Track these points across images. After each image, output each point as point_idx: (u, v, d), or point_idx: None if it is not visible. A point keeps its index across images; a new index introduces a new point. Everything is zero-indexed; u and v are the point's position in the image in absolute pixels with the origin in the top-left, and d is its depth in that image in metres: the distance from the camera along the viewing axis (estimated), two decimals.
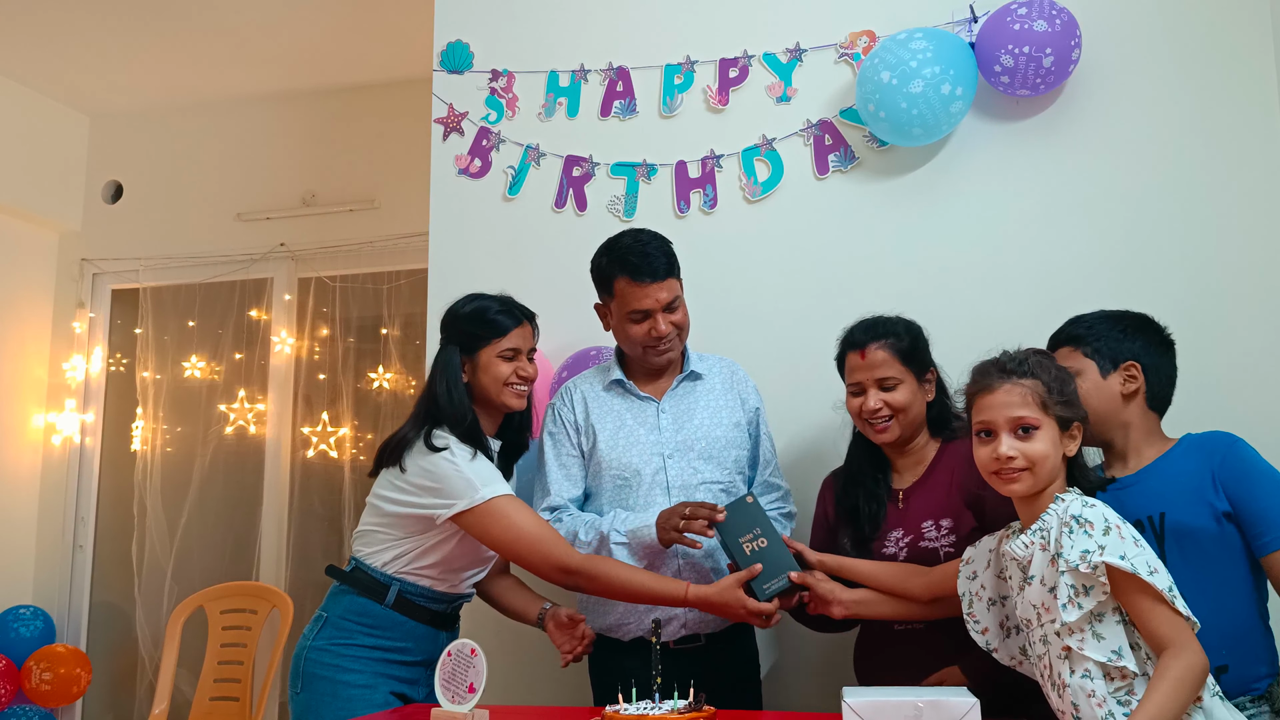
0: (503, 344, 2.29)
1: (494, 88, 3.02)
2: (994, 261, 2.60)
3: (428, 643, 2.26)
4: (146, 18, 4.02)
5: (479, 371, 2.30)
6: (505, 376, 2.29)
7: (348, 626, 2.22)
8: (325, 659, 2.20)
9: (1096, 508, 1.67)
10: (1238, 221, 2.47)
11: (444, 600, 2.29)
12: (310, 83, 4.54)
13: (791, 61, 2.80)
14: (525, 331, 2.35)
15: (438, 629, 2.28)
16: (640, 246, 2.27)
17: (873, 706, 1.62)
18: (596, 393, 2.39)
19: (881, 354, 2.13)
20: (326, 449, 4.49)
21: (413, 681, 2.26)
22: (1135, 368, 1.97)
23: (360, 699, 2.16)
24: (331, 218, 4.52)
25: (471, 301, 2.36)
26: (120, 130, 4.84)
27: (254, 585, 4.03)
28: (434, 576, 2.24)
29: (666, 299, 2.26)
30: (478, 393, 2.31)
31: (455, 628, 2.36)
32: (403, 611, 2.23)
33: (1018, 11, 2.49)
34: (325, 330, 4.59)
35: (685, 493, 2.26)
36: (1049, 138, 2.60)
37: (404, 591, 2.23)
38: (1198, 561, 1.82)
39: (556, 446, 2.38)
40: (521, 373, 2.32)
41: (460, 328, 2.33)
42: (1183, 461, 1.91)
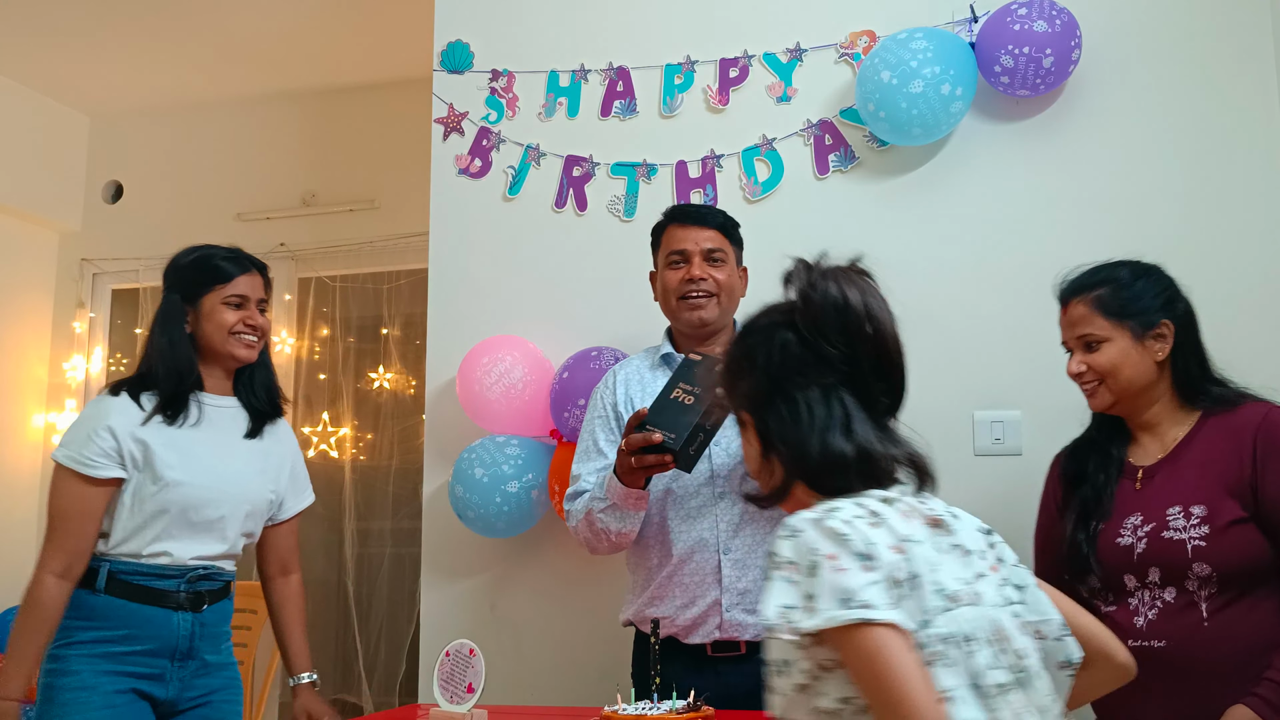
0: (228, 290, 2.19)
1: (494, 88, 3.02)
2: (994, 261, 2.60)
3: (160, 628, 2.07)
4: (147, 18, 4.01)
5: (202, 319, 2.18)
6: (231, 324, 2.18)
7: (66, 625, 2.05)
8: (48, 665, 2.06)
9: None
10: (1238, 221, 2.47)
11: (171, 575, 2.10)
12: (310, 83, 4.54)
13: (792, 61, 2.80)
14: (255, 281, 2.25)
15: (171, 610, 2.09)
16: (698, 204, 2.25)
17: None
18: (640, 373, 2.27)
19: (1080, 309, 1.85)
20: (327, 449, 4.48)
21: (152, 676, 2.07)
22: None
23: (75, 703, 2.01)
24: (331, 218, 4.51)
25: (196, 250, 2.24)
26: (120, 130, 4.84)
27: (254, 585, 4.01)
28: (134, 550, 2.08)
29: (709, 247, 2.19)
30: (203, 344, 2.19)
31: (206, 608, 2.15)
32: (119, 594, 2.06)
33: (1018, 12, 2.49)
34: (325, 330, 4.59)
35: (731, 481, 2.12)
36: (1049, 138, 2.60)
37: (116, 571, 2.07)
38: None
39: (592, 433, 2.24)
40: (250, 321, 2.21)
41: (183, 275, 2.21)
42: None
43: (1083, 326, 1.85)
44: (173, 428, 2.13)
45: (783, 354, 1.23)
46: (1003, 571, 1.20)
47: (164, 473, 2.09)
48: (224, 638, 2.25)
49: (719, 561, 2.10)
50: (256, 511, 2.26)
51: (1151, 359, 1.81)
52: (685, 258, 2.20)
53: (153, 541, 2.09)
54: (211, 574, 2.17)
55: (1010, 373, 2.56)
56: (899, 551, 1.10)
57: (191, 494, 2.12)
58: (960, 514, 1.23)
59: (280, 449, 2.33)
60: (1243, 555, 1.69)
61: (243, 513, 2.21)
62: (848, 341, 1.21)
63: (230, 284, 2.19)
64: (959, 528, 1.20)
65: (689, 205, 2.30)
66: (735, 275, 2.25)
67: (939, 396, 2.58)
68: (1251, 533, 1.71)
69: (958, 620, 1.10)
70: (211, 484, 2.15)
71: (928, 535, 1.15)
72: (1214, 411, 1.80)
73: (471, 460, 2.67)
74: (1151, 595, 1.75)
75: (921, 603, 1.09)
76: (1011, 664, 1.12)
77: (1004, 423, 2.54)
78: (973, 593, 1.13)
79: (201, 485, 2.13)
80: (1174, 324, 1.81)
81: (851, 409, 1.20)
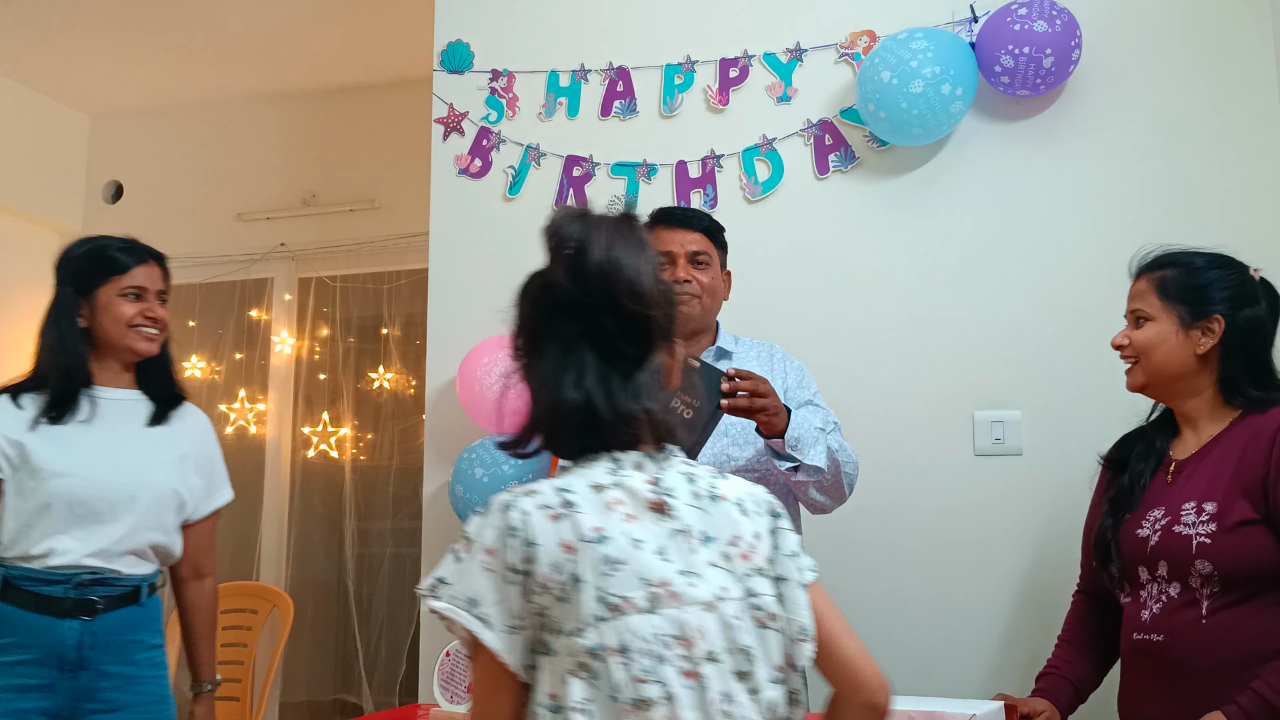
0: (124, 282, 2.09)
1: (494, 88, 3.02)
2: (994, 261, 2.60)
3: (45, 635, 1.96)
4: (147, 18, 4.01)
5: (98, 313, 2.09)
6: (130, 317, 2.09)
7: None
8: None
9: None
10: (1238, 221, 2.47)
11: (58, 580, 1.99)
12: (310, 83, 4.54)
13: (792, 61, 2.80)
14: (153, 271, 2.14)
15: (57, 617, 1.98)
16: (684, 207, 2.26)
17: None
18: None
19: (1142, 284, 1.83)
20: (327, 449, 4.48)
21: (39, 686, 1.96)
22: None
23: None
24: (332, 218, 4.51)
25: (89, 241, 2.15)
26: (120, 130, 4.84)
27: (254, 585, 4.02)
28: (23, 551, 1.99)
29: (694, 249, 2.19)
30: (99, 338, 2.10)
31: (99, 615, 2.03)
32: (14, 601, 1.97)
33: (1018, 12, 2.49)
34: (326, 330, 4.59)
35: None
36: (1049, 138, 2.60)
37: (11, 578, 1.98)
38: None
39: None
40: (149, 313, 2.11)
41: (76, 267, 2.12)
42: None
43: (1137, 301, 1.83)
44: (58, 426, 2.05)
45: (532, 304, 1.17)
46: (756, 560, 1.12)
47: (43, 466, 2.00)
48: (133, 648, 2.08)
49: None
50: (159, 503, 2.11)
51: (1192, 349, 1.77)
52: (671, 259, 2.20)
53: (39, 540, 1.99)
54: (105, 578, 2.03)
55: (1010, 373, 2.56)
56: (570, 551, 1.05)
57: (74, 485, 2.01)
58: (718, 489, 1.14)
59: (190, 440, 2.21)
60: (1247, 556, 1.67)
61: (139, 504, 2.07)
62: (582, 286, 1.12)
63: (127, 275, 2.10)
64: (684, 513, 1.11)
65: (675, 208, 2.30)
66: (719, 278, 2.25)
67: (939, 396, 2.59)
68: (1260, 535, 1.68)
69: (618, 631, 1.04)
70: (97, 474, 2.04)
71: (635, 524, 1.08)
72: (1251, 412, 1.76)
73: (472, 460, 2.67)
74: (1159, 589, 1.75)
75: (576, 611, 1.04)
76: (695, 667, 1.05)
77: (1004, 423, 2.54)
78: (670, 593, 1.06)
79: (85, 476, 2.02)
80: (1226, 321, 1.76)
81: (588, 361, 1.12)
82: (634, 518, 1.09)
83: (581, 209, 1.18)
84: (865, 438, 2.44)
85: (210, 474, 2.24)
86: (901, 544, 2.57)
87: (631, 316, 1.12)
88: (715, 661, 1.06)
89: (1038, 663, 2.16)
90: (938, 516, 2.56)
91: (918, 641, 2.54)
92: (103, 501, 2.03)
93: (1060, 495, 2.46)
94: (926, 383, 2.60)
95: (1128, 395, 1.94)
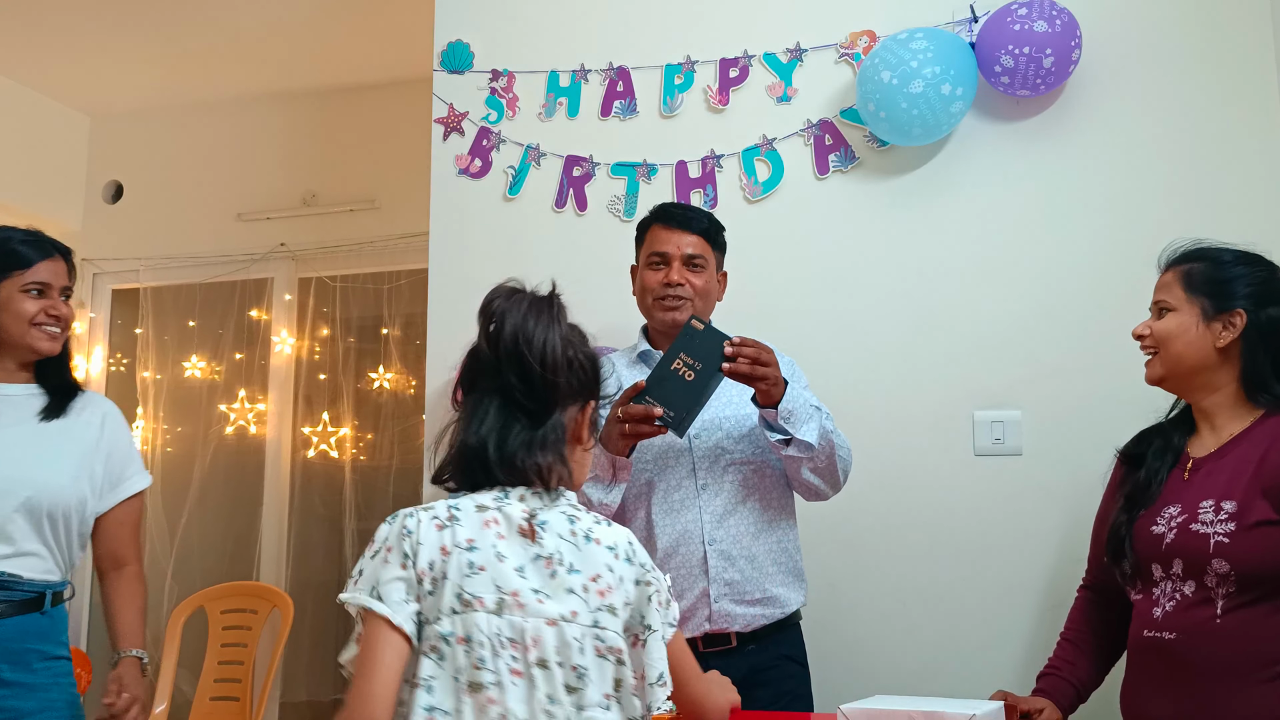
0: (27, 277, 2.02)
1: (494, 88, 3.02)
2: (994, 261, 2.60)
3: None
4: (147, 18, 4.01)
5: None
6: (32, 314, 2.01)
7: None
8: None
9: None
10: (1238, 221, 2.47)
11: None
12: (310, 83, 4.54)
13: (792, 61, 2.80)
14: (58, 267, 2.07)
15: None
16: (685, 206, 2.25)
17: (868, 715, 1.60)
18: (619, 371, 2.25)
19: (1169, 276, 1.82)
20: (327, 449, 4.48)
21: None
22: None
23: None
24: (332, 218, 4.51)
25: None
26: (120, 130, 4.84)
27: (254, 585, 4.02)
28: None
29: (690, 253, 2.19)
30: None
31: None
32: None
33: (1018, 12, 2.49)
34: (326, 330, 4.59)
35: (713, 473, 2.14)
36: (1049, 138, 2.60)
37: None
38: None
39: None
40: (53, 311, 2.04)
41: None
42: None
43: (1161, 293, 1.82)
44: None
45: (466, 367, 1.41)
46: (611, 599, 1.29)
47: None
48: (32, 656, 2.00)
49: (704, 553, 2.09)
50: (51, 500, 2.01)
51: (1212, 342, 1.75)
52: (665, 260, 2.20)
53: None
54: (4, 581, 1.96)
55: (1010, 373, 2.56)
56: (445, 554, 1.27)
57: None
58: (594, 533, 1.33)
59: (91, 430, 2.11)
60: (1266, 557, 1.66)
61: (21, 501, 1.97)
62: (496, 353, 1.36)
63: (30, 270, 2.02)
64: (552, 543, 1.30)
65: (675, 207, 2.28)
66: (713, 280, 2.25)
67: (939, 396, 2.59)
68: (1279, 536, 1.66)
69: (466, 623, 1.24)
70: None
71: (504, 543, 1.28)
72: (1276, 412, 1.74)
73: None
74: (1173, 587, 1.73)
75: (439, 602, 1.25)
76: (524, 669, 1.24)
77: (1004, 423, 2.54)
78: (518, 602, 1.26)
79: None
80: (1249, 316, 1.74)
81: (491, 414, 1.35)
82: (504, 537, 1.29)
83: (511, 289, 1.41)
84: (865, 438, 2.45)
85: (117, 463, 2.14)
86: (901, 544, 2.57)
87: (538, 380, 1.34)
88: (545, 668, 1.25)
89: (1038, 662, 2.16)
90: (938, 516, 2.56)
91: (918, 641, 2.54)
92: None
93: (1060, 495, 2.46)
94: (926, 383, 2.60)
95: (1129, 395, 1.94)
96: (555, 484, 1.35)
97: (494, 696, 1.22)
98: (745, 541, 2.11)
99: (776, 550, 2.15)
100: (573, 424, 1.39)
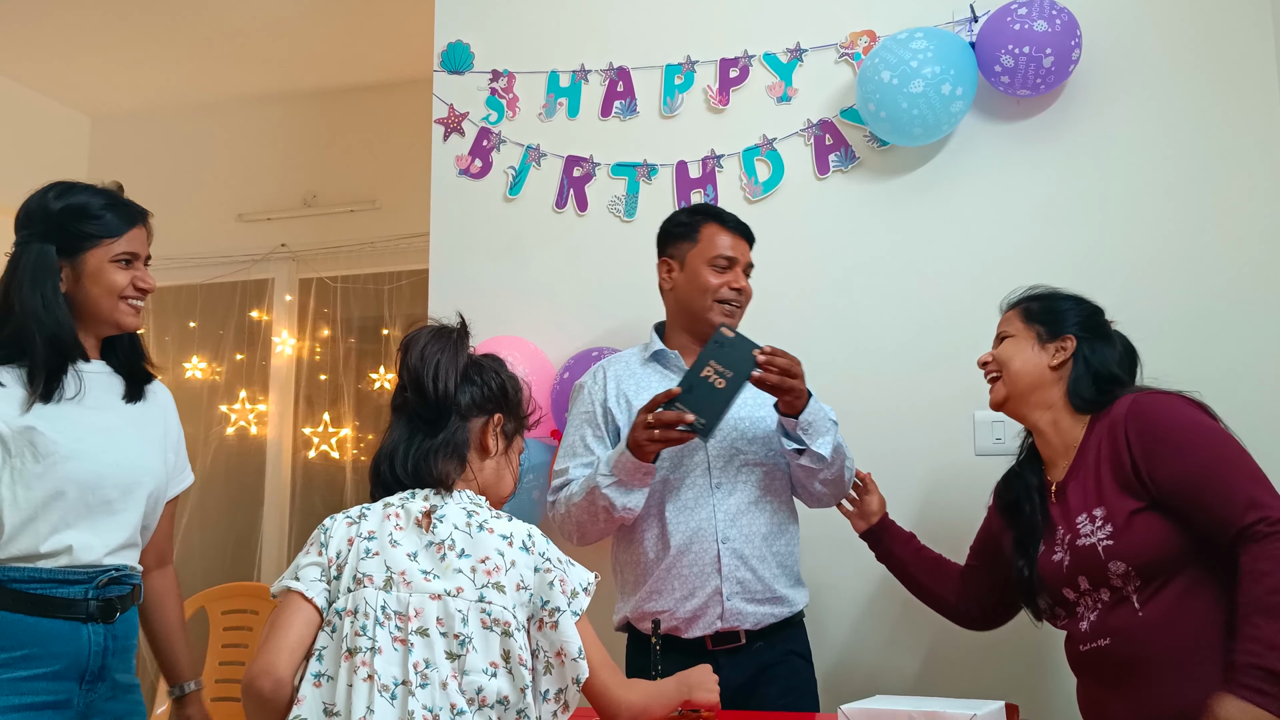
0: (117, 246, 1.86)
1: (494, 88, 3.02)
2: (993, 260, 2.60)
3: (68, 644, 1.73)
4: (148, 18, 4.02)
5: (85, 280, 1.83)
6: (122, 287, 1.86)
7: None
8: None
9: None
10: (1238, 221, 2.47)
11: (76, 580, 1.75)
12: (311, 83, 4.54)
13: (792, 61, 2.80)
14: (142, 234, 1.94)
15: (80, 621, 1.75)
16: (730, 214, 2.28)
17: (868, 715, 1.60)
18: (632, 370, 2.27)
19: (1009, 314, 2.03)
20: (328, 449, 4.49)
21: (55, 704, 1.72)
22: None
23: None
24: (332, 218, 4.52)
25: (67, 191, 1.87)
26: (121, 131, 4.84)
27: (255, 586, 4.02)
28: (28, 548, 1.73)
29: (748, 259, 2.26)
30: (80, 307, 1.84)
31: (119, 618, 1.82)
32: (12, 607, 1.70)
33: (1018, 11, 2.49)
34: (326, 331, 4.59)
35: (727, 473, 2.15)
36: (1049, 138, 2.60)
37: (7, 580, 1.71)
38: None
39: (579, 430, 2.23)
40: (141, 283, 1.90)
41: (58, 223, 1.83)
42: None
43: (1004, 325, 2.02)
44: (51, 405, 1.78)
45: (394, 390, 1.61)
46: (500, 578, 1.43)
47: (52, 449, 1.74)
48: (133, 652, 1.89)
49: (718, 551, 2.11)
50: (157, 487, 1.91)
51: (1047, 361, 1.94)
52: (731, 264, 2.22)
53: (50, 534, 1.74)
54: (123, 575, 1.83)
55: None
56: (350, 544, 1.46)
57: (84, 469, 1.77)
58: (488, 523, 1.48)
59: (164, 416, 2.00)
60: (1151, 544, 1.74)
61: (144, 488, 1.86)
62: (403, 378, 1.56)
63: (121, 239, 1.87)
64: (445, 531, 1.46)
65: (732, 214, 2.28)
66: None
67: (939, 396, 2.58)
68: (1153, 520, 1.75)
69: (354, 599, 1.41)
70: (106, 456, 1.81)
71: (401, 533, 1.46)
72: (1098, 415, 1.89)
73: None
74: (1091, 600, 1.82)
75: (340, 584, 1.43)
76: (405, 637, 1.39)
77: (1004, 423, 2.54)
78: (405, 580, 1.42)
79: (93, 458, 1.79)
80: (1079, 341, 1.93)
81: (398, 428, 1.56)
82: (402, 528, 1.47)
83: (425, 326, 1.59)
84: (865, 438, 2.45)
85: (180, 451, 2.05)
86: None
87: (430, 394, 1.53)
88: (425, 636, 1.39)
89: (1037, 663, 2.17)
90: (938, 516, 2.56)
91: (918, 641, 2.54)
92: (115, 488, 1.81)
93: None
94: (926, 383, 2.60)
95: None
96: (453, 485, 1.52)
97: (365, 660, 1.37)
98: (756, 542, 2.13)
99: (784, 553, 2.18)
100: (478, 434, 1.56)
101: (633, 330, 2.75)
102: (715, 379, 1.96)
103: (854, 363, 2.64)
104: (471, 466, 1.55)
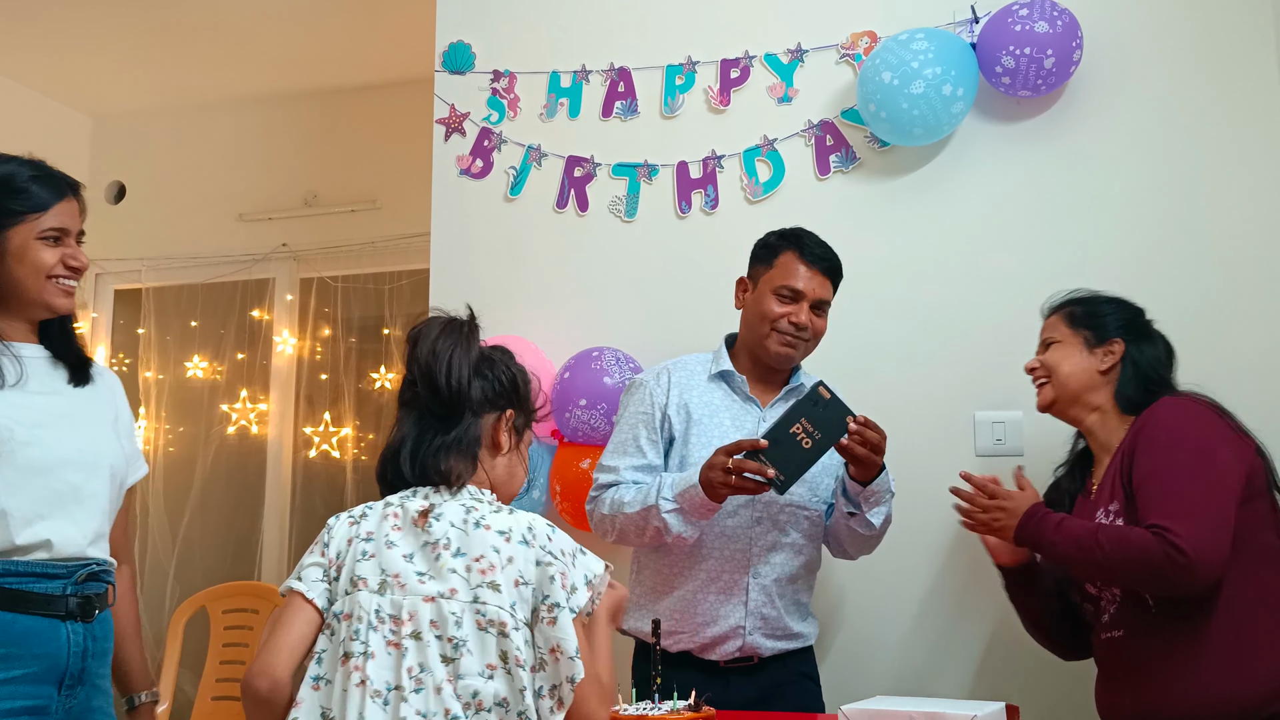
0: (44, 222, 1.71)
1: (495, 88, 3.02)
2: (994, 261, 2.60)
3: (47, 644, 1.63)
4: (148, 18, 4.02)
5: (9, 259, 1.69)
6: (50, 266, 1.71)
7: None
8: None
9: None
10: (1238, 221, 2.47)
11: (55, 574, 1.65)
12: (312, 83, 4.54)
13: (793, 62, 2.80)
14: (72, 207, 1.78)
15: (59, 620, 1.65)
16: (823, 243, 2.19)
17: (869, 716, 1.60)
18: (696, 381, 2.22)
19: (1053, 319, 2.06)
20: (329, 449, 4.49)
21: (33, 710, 1.61)
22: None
23: None
24: (333, 218, 4.52)
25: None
26: (122, 131, 4.84)
27: (256, 585, 4.03)
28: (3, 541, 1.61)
29: (819, 295, 2.16)
30: (4, 290, 1.71)
31: (96, 617, 1.71)
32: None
33: (1019, 12, 2.49)
34: (327, 330, 4.60)
35: (770, 509, 2.12)
36: (1050, 138, 2.60)
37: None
38: None
39: (634, 429, 2.17)
40: (71, 261, 1.74)
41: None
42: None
43: (1048, 331, 2.05)
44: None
45: (401, 383, 1.59)
46: (495, 576, 1.39)
47: (9, 435, 1.63)
48: (109, 657, 1.79)
49: (747, 584, 2.12)
50: (119, 469, 1.79)
51: (1095, 366, 1.97)
52: (795, 297, 2.15)
53: (24, 527, 1.62)
54: (101, 572, 1.73)
55: (1011, 373, 2.53)
56: (349, 544, 1.46)
57: (45, 455, 1.67)
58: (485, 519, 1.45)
59: (114, 400, 1.87)
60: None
61: (107, 470, 1.75)
62: (412, 372, 1.53)
63: (47, 213, 1.73)
64: (440, 530, 1.44)
65: (813, 240, 2.20)
66: (827, 324, 2.22)
67: (940, 396, 2.59)
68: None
69: (351, 602, 1.40)
70: (62, 439, 1.70)
71: (399, 533, 1.45)
72: (1139, 415, 1.93)
73: None
74: (1111, 594, 1.88)
75: (339, 586, 1.44)
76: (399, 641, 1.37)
77: (1005, 423, 2.54)
78: (400, 583, 1.41)
79: (52, 444, 1.68)
80: (1126, 344, 1.96)
81: (407, 423, 1.53)
82: (400, 529, 1.46)
83: (433, 318, 1.56)
84: None
85: (135, 441, 1.91)
86: (902, 544, 2.57)
87: (443, 389, 1.50)
88: (418, 640, 1.37)
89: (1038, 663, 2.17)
90: (938, 516, 2.55)
91: (918, 641, 2.54)
92: (79, 473, 1.70)
93: None
94: (927, 383, 2.60)
95: None
96: (457, 483, 1.50)
97: (359, 664, 1.36)
98: (784, 582, 2.15)
99: (803, 593, 2.21)
100: (490, 431, 1.54)
101: (634, 330, 2.76)
102: (803, 438, 1.93)
103: (854, 363, 2.63)
104: (483, 465, 1.52)
